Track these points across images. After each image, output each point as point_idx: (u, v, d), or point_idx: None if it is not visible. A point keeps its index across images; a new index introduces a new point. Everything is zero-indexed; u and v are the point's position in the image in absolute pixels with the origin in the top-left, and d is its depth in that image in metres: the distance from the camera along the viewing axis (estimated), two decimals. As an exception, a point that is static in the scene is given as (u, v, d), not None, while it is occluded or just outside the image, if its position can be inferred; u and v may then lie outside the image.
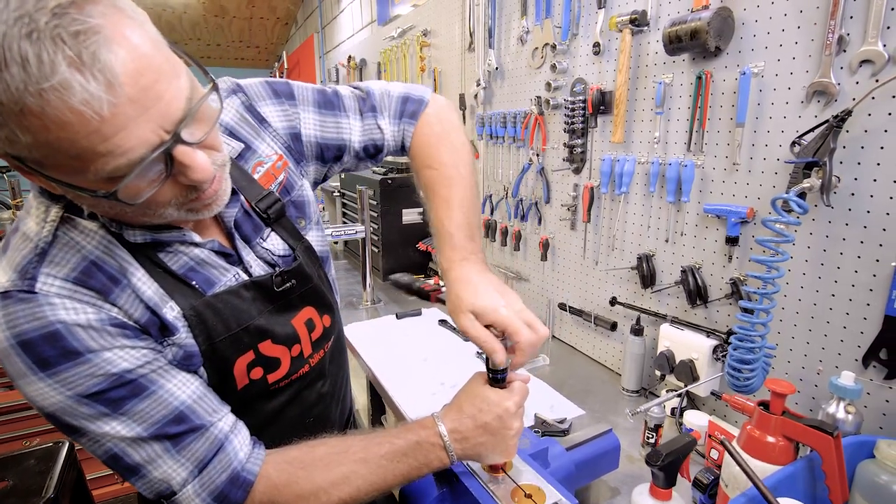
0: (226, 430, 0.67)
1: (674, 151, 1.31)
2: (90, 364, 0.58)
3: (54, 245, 0.60)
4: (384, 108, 0.89)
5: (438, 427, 0.74)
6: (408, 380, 1.56)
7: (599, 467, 1.03)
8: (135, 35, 0.48)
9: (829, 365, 1.02)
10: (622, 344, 1.56)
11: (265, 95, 0.80)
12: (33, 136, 0.46)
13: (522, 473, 0.79)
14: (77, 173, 0.50)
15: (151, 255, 0.65)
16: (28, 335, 0.56)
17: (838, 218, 0.97)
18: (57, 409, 0.59)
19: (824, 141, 0.93)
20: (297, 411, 0.84)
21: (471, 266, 0.76)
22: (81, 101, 0.45)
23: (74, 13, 0.44)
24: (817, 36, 0.96)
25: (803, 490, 0.82)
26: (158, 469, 0.63)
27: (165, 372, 0.64)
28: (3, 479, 1.40)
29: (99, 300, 0.60)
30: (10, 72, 0.42)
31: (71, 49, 0.44)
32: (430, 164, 0.86)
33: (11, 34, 0.42)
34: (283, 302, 0.77)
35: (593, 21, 1.50)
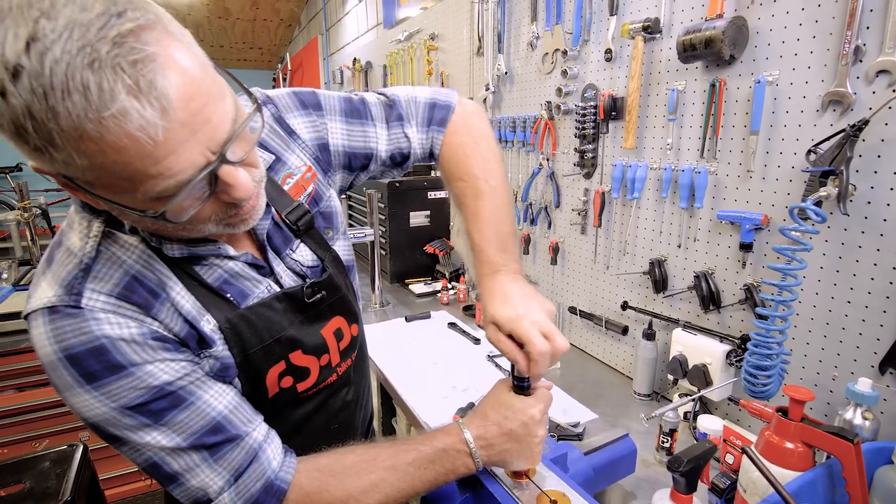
0: (260, 439, 0.68)
1: (686, 158, 1.32)
2: (133, 377, 0.59)
3: (98, 260, 0.61)
4: (411, 115, 0.89)
5: (464, 434, 0.74)
6: (420, 383, 1.57)
7: (617, 472, 1.04)
8: (185, 59, 0.49)
9: (845, 371, 1.03)
10: (633, 348, 1.57)
11: (293, 107, 0.81)
12: (89, 160, 0.47)
13: (546, 479, 0.80)
14: (126, 193, 0.51)
15: (188, 268, 0.66)
16: (75, 349, 0.57)
17: (854, 226, 0.98)
18: (101, 419, 0.60)
19: (841, 150, 0.94)
20: (324, 418, 0.85)
21: (500, 278, 0.77)
22: (138, 127, 0.46)
23: (132, 42, 0.45)
24: (833, 46, 0.97)
25: (823, 496, 0.83)
26: (196, 478, 0.64)
27: (202, 383, 0.65)
28: (20, 481, 1.40)
29: (141, 314, 0.61)
30: (72, 100, 0.43)
31: (130, 77, 0.45)
32: (460, 175, 0.86)
33: (75, 64, 0.43)
34: (312, 312, 0.78)
35: (605, 28, 1.51)
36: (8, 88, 0.43)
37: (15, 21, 0.43)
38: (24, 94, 0.43)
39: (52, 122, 0.44)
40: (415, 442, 0.75)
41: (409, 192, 2.56)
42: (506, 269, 0.79)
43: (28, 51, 0.42)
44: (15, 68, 0.43)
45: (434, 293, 2.46)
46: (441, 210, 2.65)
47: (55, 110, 0.43)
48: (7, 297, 2.36)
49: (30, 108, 0.44)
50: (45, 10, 0.43)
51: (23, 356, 2.24)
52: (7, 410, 2.26)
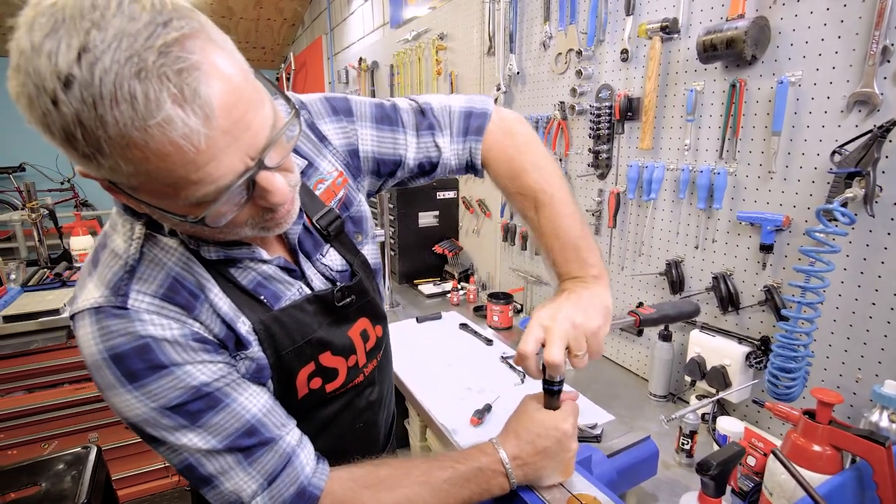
0: (293, 444, 0.68)
1: (705, 159, 1.32)
2: (173, 377, 0.60)
3: (141, 262, 0.62)
4: (444, 125, 0.87)
5: (500, 454, 0.73)
6: (434, 384, 1.57)
7: (639, 474, 1.04)
8: (228, 67, 0.49)
9: (869, 373, 1.02)
10: (648, 349, 1.57)
11: (325, 113, 0.81)
12: (134, 167, 0.47)
13: (576, 483, 0.80)
14: (168, 198, 0.52)
15: (223, 270, 0.67)
16: (120, 349, 0.58)
17: (880, 227, 0.97)
18: (141, 420, 0.60)
19: (868, 151, 0.93)
20: (349, 418, 0.85)
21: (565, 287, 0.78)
22: (182, 134, 0.46)
23: (177, 51, 0.45)
24: (859, 46, 0.97)
25: (852, 500, 0.82)
26: (231, 481, 0.64)
27: (238, 385, 0.65)
28: (36, 483, 1.40)
29: (183, 316, 0.62)
30: (119, 109, 0.43)
31: (175, 86, 0.45)
32: (517, 189, 0.84)
33: (123, 73, 0.43)
34: (340, 314, 0.78)
35: (620, 28, 1.51)
36: (60, 97, 0.43)
37: (68, 32, 0.43)
38: (74, 103, 0.44)
39: (101, 130, 0.44)
40: (450, 459, 0.74)
41: (418, 193, 2.55)
42: (574, 279, 0.79)
43: (79, 61, 0.43)
44: (67, 78, 0.43)
45: (443, 294, 2.46)
46: (450, 210, 2.64)
47: (104, 119, 0.44)
48: (16, 298, 2.35)
49: (80, 117, 0.44)
50: (96, 20, 0.43)
51: (32, 357, 2.23)
52: (16, 412, 2.25)
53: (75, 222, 3.02)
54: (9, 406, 2.23)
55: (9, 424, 2.25)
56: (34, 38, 0.44)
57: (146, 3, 0.45)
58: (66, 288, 2.51)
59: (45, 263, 2.87)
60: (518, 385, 1.56)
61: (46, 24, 0.44)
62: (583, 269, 0.79)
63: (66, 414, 2.34)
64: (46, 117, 0.45)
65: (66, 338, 2.25)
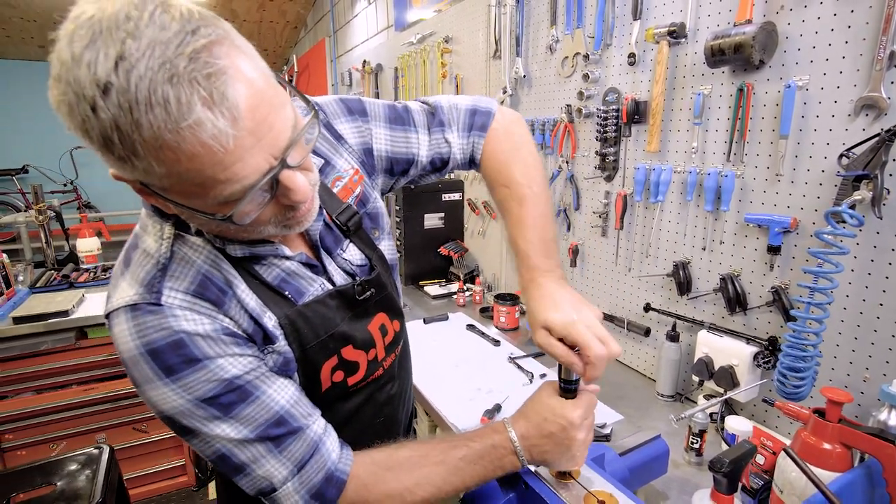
0: (319, 432, 0.71)
1: (712, 161, 1.33)
2: (207, 370, 0.62)
3: (172, 260, 0.64)
4: (452, 121, 0.91)
5: (509, 433, 0.76)
6: (443, 385, 1.58)
7: (650, 472, 1.05)
8: (251, 71, 0.52)
9: (877, 373, 1.04)
10: (655, 349, 1.58)
11: (340, 113, 0.83)
12: (167, 168, 0.49)
13: (592, 480, 0.81)
14: (197, 198, 0.54)
15: (249, 267, 0.69)
16: (156, 344, 0.60)
17: (888, 229, 0.99)
18: (176, 412, 0.63)
19: (875, 154, 0.95)
20: (370, 411, 0.87)
21: (546, 283, 0.78)
22: (211, 135, 0.48)
23: (206, 56, 0.48)
24: (866, 51, 0.99)
25: (862, 497, 0.84)
26: (262, 468, 0.67)
27: (266, 378, 0.67)
28: (50, 483, 1.42)
29: (213, 311, 0.65)
30: (153, 112, 0.46)
31: (204, 90, 0.47)
32: (504, 182, 0.88)
33: (156, 79, 0.45)
34: (360, 309, 0.80)
35: (627, 32, 1.53)
36: (98, 104, 0.46)
37: (105, 42, 0.46)
38: (112, 109, 0.46)
39: (136, 133, 0.47)
40: (464, 439, 0.77)
41: (424, 195, 2.57)
42: (551, 274, 0.80)
43: (117, 69, 0.45)
44: (105, 85, 0.45)
45: (449, 295, 2.47)
46: (455, 212, 2.66)
47: (139, 122, 0.46)
48: (24, 299, 2.37)
49: (117, 122, 0.46)
50: (131, 30, 0.46)
51: (40, 359, 2.25)
52: (25, 413, 2.27)
53: (82, 224, 3.04)
54: (18, 407, 2.25)
55: (18, 425, 2.27)
56: (74, 50, 0.46)
57: (175, 13, 0.48)
58: (74, 289, 2.52)
59: (51, 265, 2.88)
60: (526, 385, 1.57)
61: (85, 36, 0.46)
62: (556, 267, 0.82)
63: (74, 415, 2.36)
64: (86, 123, 0.47)
65: (74, 339, 2.26)
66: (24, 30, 6.32)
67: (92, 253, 2.98)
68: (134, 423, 2.49)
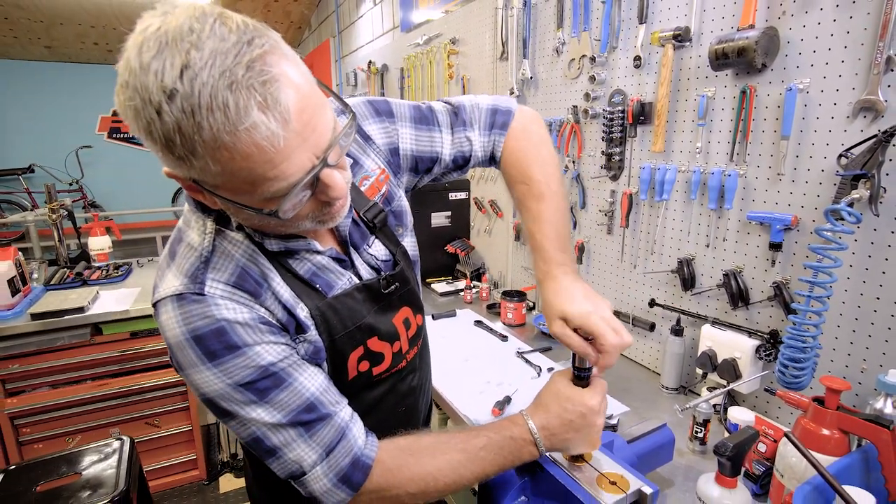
0: (346, 419, 0.75)
1: (716, 161, 1.38)
2: (245, 356, 0.66)
3: (214, 254, 0.69)
4: (474, 120, 0.95)
5: (529, 424, 0.80)
6: (454, 379, 1.63)
7: (657, 459, 1.10)
8: (298, 77, 0.56)
9: (874, 364, 1.09)
10: (660, 344, 1.63)
11: (368, 115, 0.88)
12: (222, 166, 0.54)
13: (603, 462, 0.86)
14: (246, 194, 0.59)
15: (283, 261, 0.74)
16: (200, 331, 0.65)
17: (884, 226, 1.03)
18: (216, 395, 0.67)
19: (873, 154, 0.99)
20: (393, 401, 0.92)
21: (561, 276, 0.83)
22: (264, 137, 0.53)
23: (260, 65, 0.52)
24: (865, 56, 1.03)
25: (859, 479, 0.88)
26: (293, 452, 0.71)
27: (298, 366, 0.72)
28: (76, 472, 1.47)
29: (251, 301, 0.69)
30: (213, 116, 0.51)
31: (260, 95, 0.52)
32: (522, 179, 0.92)
33: (217, 86, 0.50)
34: (385, 302, 0.85)
35: (633, 35, 1.57)
36: (164, 108, 0.50)
37: (171, 52, 0.50)
38: (176, 113, 0.50)
39: (197, 135, 0.51)
40: (485, 430, 0.81)
41: (431, 193, 2.61)
42: (566, 268, 0.85)
43: (182, 77, 0.50)
44: (171, 91, 0.50)
45: (456, 292, 2.52)
46: (461, 211, 2.70)
47: (200, 125, 0.51)
48: (40, 296, 2.42)
49: (179, 125, 0.51)
50: (194, 42, 0.51)
51: (56, 355, 2.29)
52: (42, 407, 2.32)
53: (93, 223, 3.09)
54: (35, 401, 2.30)
55: (35, 419, 2.32)
56: (143, 59, 0.51)
57: (232, 25, 0.53)
58: (87, 287, 2.57)
59: (64, 263, 2.93)
60: (535, 378, 1.62)
61: (153, 47, 0.51)
62: (571, 262, 0.87)
63: (89, 409, 2.41)
64: (150, 125, 0.52)
65: (89, 335, 2.31)
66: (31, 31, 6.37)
67: (103, 251, 3.03)
68: (146, 418, 2.54)
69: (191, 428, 2.64)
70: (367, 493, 0.74)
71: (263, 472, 0.92)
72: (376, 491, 0.75)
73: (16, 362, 2.22)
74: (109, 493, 1.39)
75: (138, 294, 2.50)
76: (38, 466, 1.50)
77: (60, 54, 7.41)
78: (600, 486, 0.81)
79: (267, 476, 0.91)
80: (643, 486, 0.81)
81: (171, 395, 2.56)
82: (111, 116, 8.36)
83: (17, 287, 2.29)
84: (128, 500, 1.41)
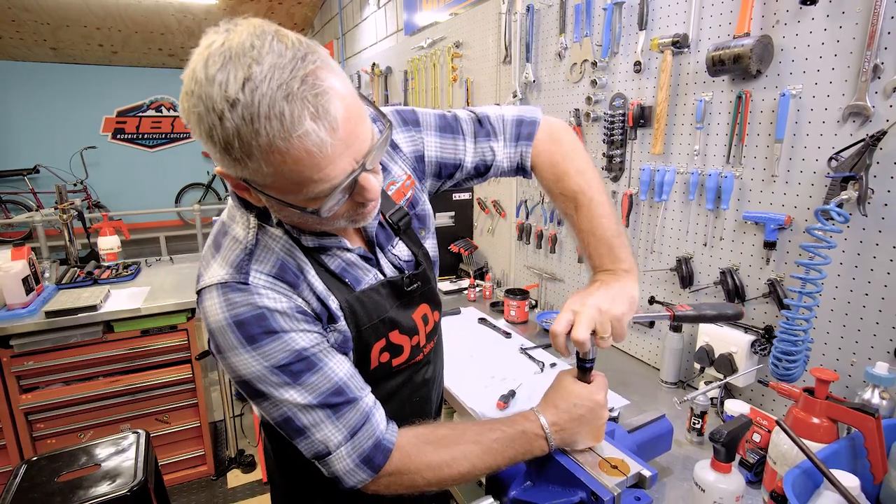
0: (371, 404, 0.80)
1: (713, 163, 1.43)
2: (282, 341, 0.72)
3: (257, 247, 0.75)
4: (499, 131, 0.99)
5: (540, 420, 0.85)
6: (459, 374, 1.68)
7: (656, 448, 1.15)
8: (344, 89, 0.62)
9: (863, 357, 1.14)
10: (659, 340, 1.68)
11: (397, 124, 0.93)
12: (273, 168, 0.60)
13: (605, 449, 0.91)
14: (291, 194, 0.64)
15: (317, 257, 0.79)
16: (242, 316, 0.71)
17: (872, 226, 1.08)
18: (253, 376, 0.72)
19: (860, 157, 1.05)
20: (409, 392, 0.97)
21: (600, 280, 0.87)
22: (314, 143, 0.58)
23: (313, 79, 0.58)
24: (853, 63, 1.08)
25: (846, 464, 0.93)
26: (321, 432, 0.76)
27: (328, 352, 0.77)
28: (95, 463, 1.52)
29: (290, 291, 0.75)
30: (270, 124, 0.56)
31: (312, 106, 0.58)
32: (559, 191, 0.95)
33: (275, 97, 0.56)
34: (407, 299, 0.90)
35: (633, 41, 1.62)
36: (226, 115, 0.56)
37: (234, 66, 0.56)
38: (236, 120, 0.56)
39: (254, 140, 0.57)
40: (498, 423, 0.86)
41: (434, 194, 2.66)
42: (606, 272, 0.88)
43: (244, 88, 0.56)
44: (234, 101, 0.56)
45: (459, 290, 2.57)
46: (465, 211, 2.76)
47: (258, 131, 0.57)
48: (53, 295, 2.47)
49: (239, 130, 0.57)
50: (255, 57, 0.57)
51: (69, 352, 2.34)
52: (55, 403, 2.37)
53: (103, 223, 3.14)
54: (48, 397, 2.35)
55: (49, 415, 2.37)
56: (208, 72, 0.57)
57: (288, 42, 0.59)
58: (98, 286, 2.62)
59: (74, 262, 2.99)
60: (538, 373, 1.67)
61: (218, 61, 0.57)
62: (614, 264, 0.88)
63: (101, 405, 2.46)
64: (212, 130, 0.58)
65: (101, 333, 2.37)
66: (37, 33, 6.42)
67: (112, 251, 3.08)
68: (156, 414, 2.59)
69: (199, 424, 2.69)
70: (385, 475, 0.79)
71: (285, 458, 0.97)
72: (395, 474, 0.80)
73: (30, 359, 2.28)
74: (128, 483, 1.44)
75: (148, 292, 2.56)
76: (58, 458, 1.55)
77: (65, 56, 7.47)
78: (602, 470, 0.86)
79: (289, 463, 0.96)
80: (643, 470, 0.86)
81: (181, 391, 2.61)
82: (115, 117, 8.43)
83: (31, 286, 2.35)
84: (146, 491, 1.46)
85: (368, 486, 0.80)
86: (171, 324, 2.49)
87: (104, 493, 1.40)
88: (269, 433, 1.01)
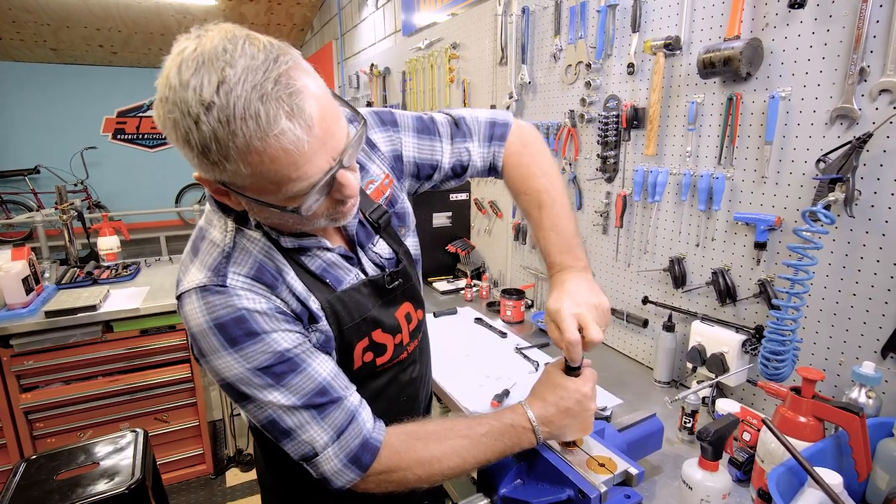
0: (356, 403, 0.81)
1: (705, 164, 1.44)
2: (263, 343, 0.73)
3: (235, 249, 0.76)
4: (473, 132, 1.02)
5: (528, 413, 0.86)
6: (455, 373, 1.69)
7: (646, 447, 1.16)
8: (317, 89, 0.63)
9: (850, 356, 1.15)
10: (653, 340, 1.69)
11: (374, 124, 0.94)
12: (251, 169, 0.61)
13: (593, 448, 0.93)
14: (270, 194, 0.65)
15: (296, 257, 0.80)
16: (222, 319, 0.71)
17: (859, 227, 1.10)
18: (236, 378, 0.73)
19: (847, 159, 1.06)
20: (395, 391, 0.98)
21: (563, 276, 0.90)
22: (290, 142, 0.60)
23: (286, 79, 0.59)
24: (840, 66, 1.09)
25: (832, 463, 0.95)
26: (306, 433, 0.76)
27: (311, 353, 0.78)
28: (93, 461, 1.53)
29: (268, 292, 0.76)
30: (247, 125, 0.57)
31: (287, 105, 0.59)
32: (524, 190, 0.99)
33: (249, 98, 0.57)
34: (389, 297, 0.91)
35: (627, 43, 1.64)
36: (201, 118, 0.57)
37: (208, 70, 0.57)
38: (212, 123, 0.57)
39: (231, 141, 0.58)
40: (487, 417, 0.87)
41: (432, 195, 2.68)
42: (570, 269, 0.91)
43: (218, 91, 0.57)
44: (209, 104, 0.57)
45: (457, 291, 2.58)
46: (462, 211, 2.77)
47: (234, 133, 0.58)
48: (53, 295, 2.49)
49: (215, 133, 0.58)
50: (228, 60, 0.58)
51: (68, 351, 2.36)
52: (55, 402, 2.38)
53: (102, 223, 3.16)
54: (48, 397, 2.37)
55: (48, 414, 2.39)
56: (182, 77, 0.58)
57: (259, 45, 0.60)
58: (98, 286, 2.64)
59: (74, 262, 3.00)
60: (532, 373, 1.68)
61: (192, 66, 0.58)
62: (575, 261, 0.92)
63: (100, 405, 2.48)
64: (189, 135, 0.59)
65: (101, 332, 2.38)
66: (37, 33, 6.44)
67: (112, 251, 3.10)
68: (156, 414, 2.61)
69: (198, 423, 2.71)
70: (374, 474, 0.80)
71: (275, 460, 0.98)
72: (384, 472, 0.80)
73: (30, 359, 2.30)
74: (126, 481, 1.45)
75: (148, 292, 2.57)
76: (57, 457, 1.57)
77: (66, 56, 7.49)
78: (590, 468, 0.87)
79: (279, 465, 0.98)
80: (629, 468, 0.87)
81: (180, 391, 2.62)
82: (115, 118, 8.45)
83: (30, 286, 2.36)
84: (143, 489, 1.47)
85: (358, 486, 0.80)
86: (169, 323, 2.51)
87: (102, 491, 1.42)
88: (257, 436, 1.02)
